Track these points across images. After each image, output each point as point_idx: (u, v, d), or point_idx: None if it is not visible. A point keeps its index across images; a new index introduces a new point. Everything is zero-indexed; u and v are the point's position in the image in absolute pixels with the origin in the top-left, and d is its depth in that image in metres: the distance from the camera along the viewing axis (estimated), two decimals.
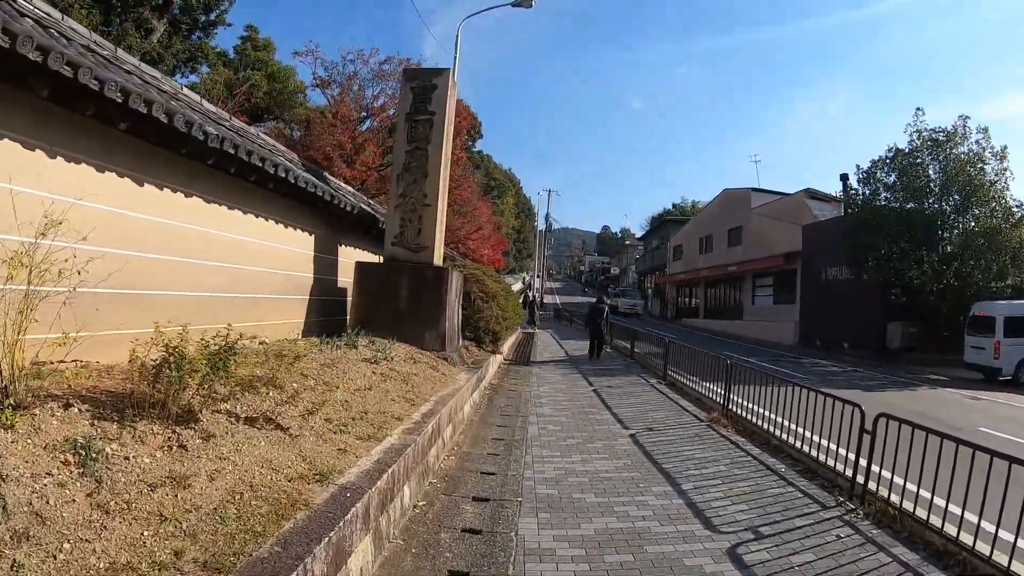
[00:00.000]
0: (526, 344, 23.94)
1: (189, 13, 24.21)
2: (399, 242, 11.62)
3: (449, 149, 12.72)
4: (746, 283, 41.03)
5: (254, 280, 9.13)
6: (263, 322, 9.33)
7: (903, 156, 26.09)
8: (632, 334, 20.54)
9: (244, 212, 8.83)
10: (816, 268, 32.05)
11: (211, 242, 8.02)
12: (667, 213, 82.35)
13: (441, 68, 12.13)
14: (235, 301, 8.63)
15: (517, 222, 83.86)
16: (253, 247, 9.10)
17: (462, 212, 36.10)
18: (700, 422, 10.49)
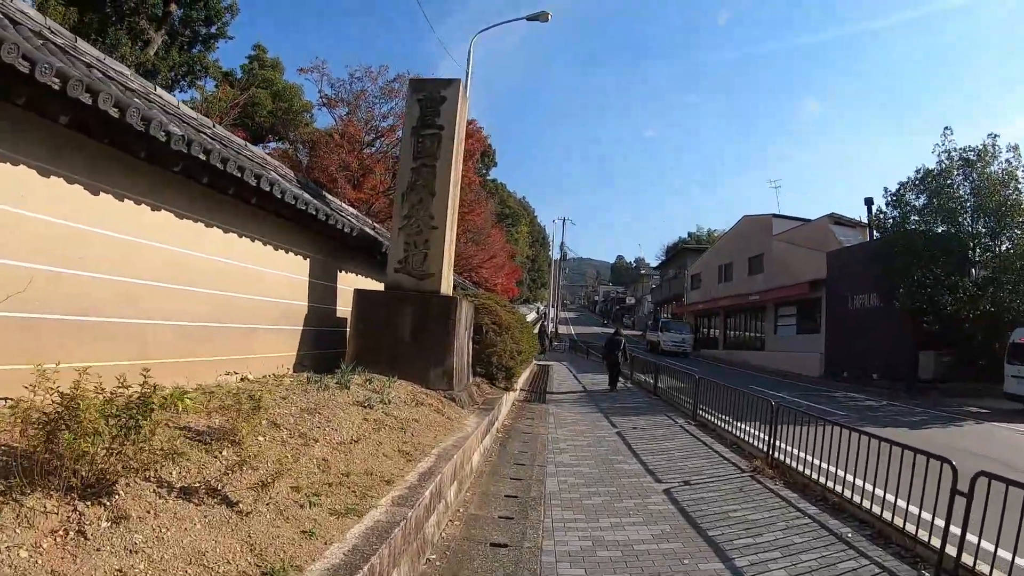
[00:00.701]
0: (541, 378, 22.66)
1: (189, 25, 23.53)
2: (403, 268, 10.50)
3: (459, 167, 11.66)
4: (768, 312, 39.52)
5: (238, 308, 8.09)
6: (248, 355, 8.29)
7: (933, 177, 24.88)
8: (655, 368, 19.22)
9: (225, 231, 7.79)
10: (842, 296, 30.64)
11: (184, 264, 6.98)
12: (683, 242, 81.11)
13: (451, 78, 11.13)
14: (214, 332, 7.59)
15: (531, 251, 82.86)
16: (237, 271, 8.05)
17: (475, 240, 35.11)
18: (742, 472, 9.20)
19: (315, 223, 9.12)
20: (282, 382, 7.72)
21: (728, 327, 46.93)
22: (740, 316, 44.63)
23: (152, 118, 5.51)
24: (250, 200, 7.69)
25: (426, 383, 9.49)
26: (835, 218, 35.28)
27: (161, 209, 6.59)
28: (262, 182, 7.34)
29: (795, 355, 34.09)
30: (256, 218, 8.34)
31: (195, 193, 7.03)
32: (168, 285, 6.73)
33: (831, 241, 33.12)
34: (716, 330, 49.21)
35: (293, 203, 8.12)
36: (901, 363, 25.85)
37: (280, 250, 9.14)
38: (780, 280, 36.80)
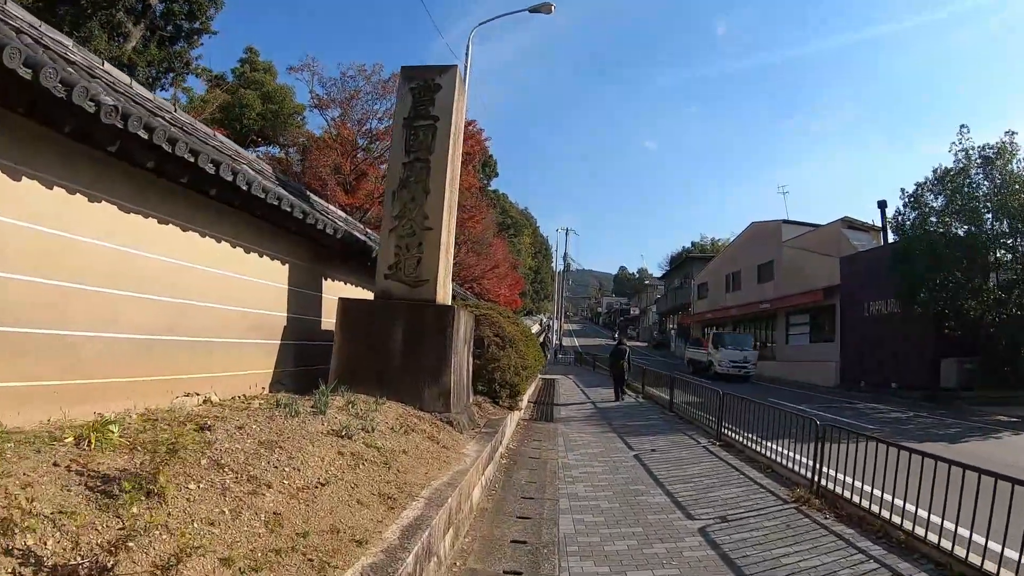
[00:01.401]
0: (547, 393, 21.36)
1: (171, 20, 22.24)
2: (394, 274, 9.31)
3: (457, 164, 10.52)
4: (779, 321, 38.42)
5: (199, 319, 6.96)
6: (212, 374, 7.16)
7: (951, 176, 23.70)
8: (669, 382, 17.92)
9: (184, 228, 6.68)
10: (857, 302, 29.51)
11: (131, 266, 5.90)
12: (687, 251, 79.98)
13: (446, 65, 9.96)
14: (169, 346, 6.47)
15: (534, 262, 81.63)
16: (198, 276, 6.93)
17: (476, 250, 33.93)
18: (784, 504, 7.98)
19: (292, 222, 7.97)
20: (249, 405, 6.57)
21: None
22: (750, 325, 43.37)
23: (74, 83, 4.39)
24: (211, 192, 6.57)
25: (420, 404, 8.28)
26: (848, 222, 34.17)
27: (101, 200, 5.52)
28: (222, 170, 6.19)
29: (809, 365, 33.00)
30: (223, 216, 7.23)
31: (143, 182, 5.95)
32: (110, 290, 5.65)
33: (844, 246, 32.04)
34: None
35: (262, 196, 6.96)
36: (921, 371, 24.92)
37: (253, 253, 8.00)
38: (791, 287, 35.75)
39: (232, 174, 6.37)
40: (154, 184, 6.08)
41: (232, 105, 25.69)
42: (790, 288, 35.88)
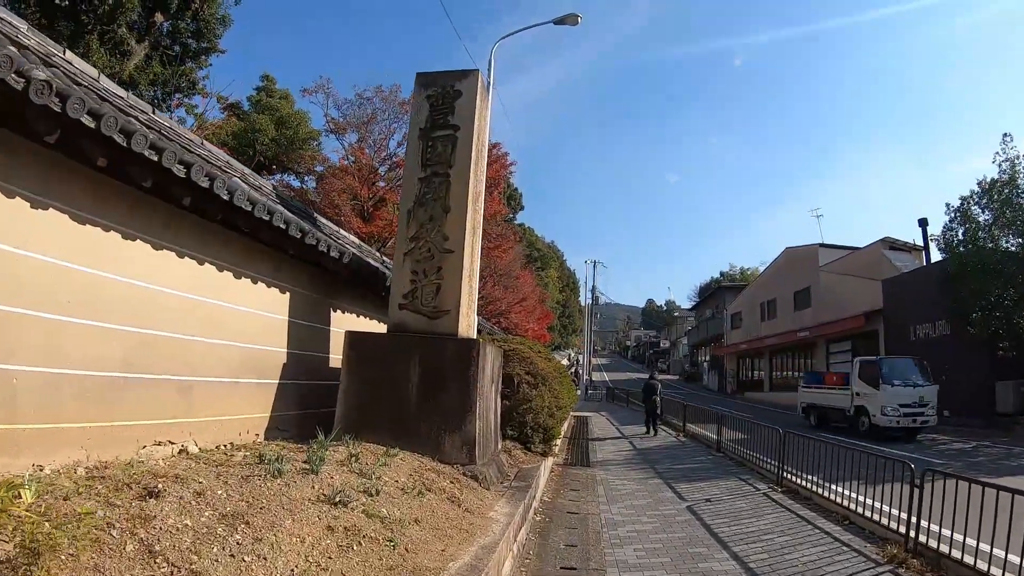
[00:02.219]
0: (581, 433, 19.84)
1: (177, 38, 21.54)
2: (410, 304, 8.14)
3: (481, 179, 9.39)
4: (819, 349, 36.26)
5: (176, 354, 5.87)
6: (191, 418, 6.01)
7: (998, 187, 22.12)
8: (716, 419, 16.33)
9: (157, 247, 5.64)
10: (902, 326, 27.61)
11: (86, 288, 4.89)
12: (716, 281, 78.05)
13: (466, 69, 8.90)
14: (137, 386, 5.39)
15: (562, 296, 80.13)
16: (175, 304, 5.86)
17: (504, 283, 32.70)
18: (876, 567, 6.60)
19: (289, 243, 6.88)
20: (230, 459, 5.36)
21: (774, 367, 43.65)
22: (787, 355, 41.39)
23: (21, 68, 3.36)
24: (184, 202, 5.51)
25: (439, 455, 7.00)
26: (889, 242, 32.33)
27: (48, 207, 4.54)
28: (194, 173, 5.09)
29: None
30: (207, 234, 6.21)
31: (106, 191, 4.98)
32: (58, 316, 4.62)
33: (886, 268, 30.24)
34: (761, 371, 45.87)
35: (248, 209, 5.85)
36: (975, 397, 22.91)
37: (245, 279, 6.91)
38: (831, 314, 33.82)
39: (208, 179, 5.27)
40: (118, 190, 5.08)
41: (245, 130, 24.92)
42: (829, 315, 33.99)
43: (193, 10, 20.80)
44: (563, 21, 14.84)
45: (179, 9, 20.47)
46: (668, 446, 17.34)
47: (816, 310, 36.09)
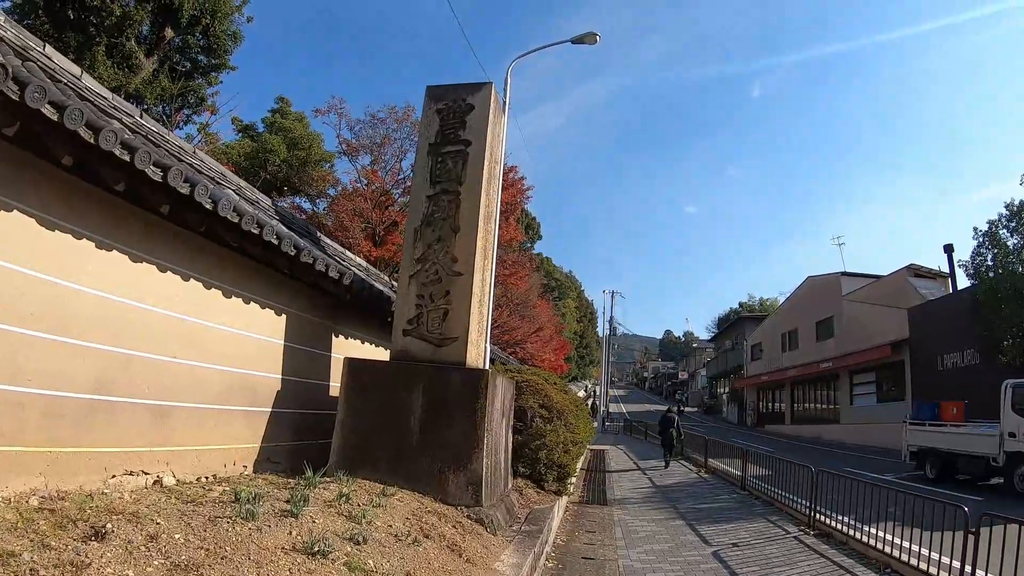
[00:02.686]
0: (598, 468, 19.00)
1: (186, 54, 21.24)
2: (415, 330, 7.54)
3: (494, 199, 8.88)
4: (842, 381, 35.12)
5: (154, 376, 5.34)
6: (173, 447, 5.48)
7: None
8: (740, 454, 15.45)
9: (136, 259, 5.16)
10: (929, 356, 26.56)
11: (60, 301, 4.48)
12: (735, 312, 76.81)
13: (479, 83, 8.41)
14: (115, 409, 4.93)
15: (579, 326, 78.90)
16: (154, 321, 5.36)
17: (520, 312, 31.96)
18: None
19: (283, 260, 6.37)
20: (206, 494, 4.81)
21: (795, 399, 42.40)
22: (809, 387, 40.30)
23: None
24: (162, 210, 5.02)
25: (442, 495, 6.34)
26: (914, 270, 31.35)
27: (13, 210, 4.12)
28: (171, 177, 4.59)
29: (877, 427, 29.50)
30: (193, 247, 5.73)
31: (78, 195, 4.58)
32: (23, 331, 4.17)
33: (911, 296, 29.29)
34: (782, 403, 44.56)
35: (235, 220, 5.33)
36: None
37: (236, 298, 6.38)
38: (855, 344, 32.83)
39: (188, 185, 4.76)
40: (91, 194, 4.64)
41: (256, 151, 24.58)
42: (853, 345, 32.96)
43: (203, 25, 20.60)
44: (581, 40, 14.45)
45: (189, 24, 20.29)
46: (690, 483, 16.49)
47: (839, 340, 35.11)
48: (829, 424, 35.22)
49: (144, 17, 18.94)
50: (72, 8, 17.75)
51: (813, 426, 36.87)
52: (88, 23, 17.78)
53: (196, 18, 20.26)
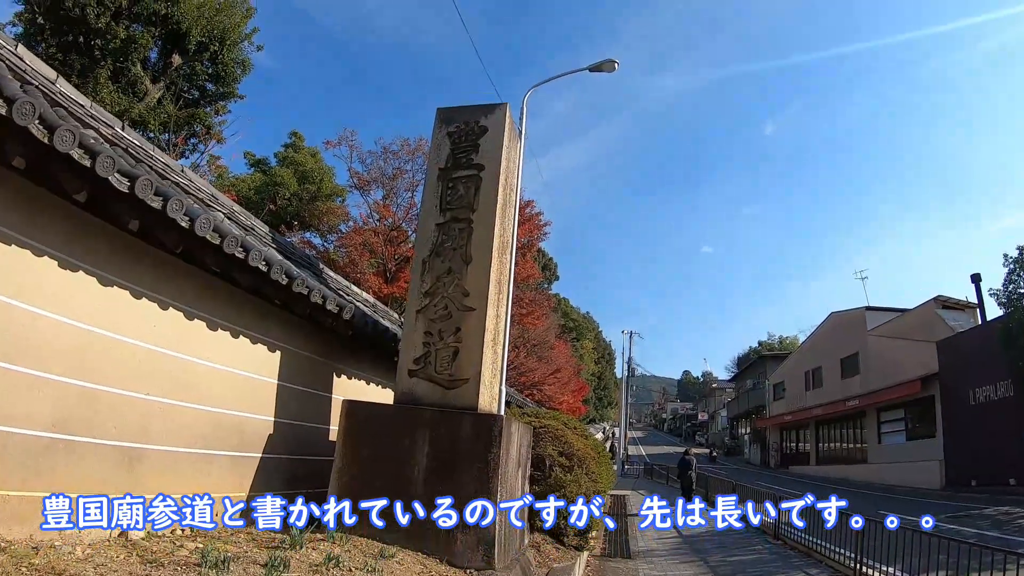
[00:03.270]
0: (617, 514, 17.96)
1: (194, 80, 20.77)
2: (422, 370, 6.84)
3: (509, 229, 8.29)
4: (869, 419, 33.60)
5: (132, 415, 4.80)
6: (147, 494, 4.66)
7: None
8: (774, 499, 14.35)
9: (106, 282, 4.61)
10: (961, 390, 25.25)
11: (14, 326, 3.98)
12: (755, 351, 75.33)
13: (493, 104, 7.86)
14: (77, 449, 4.36)
15: (597, 367, 77.72)
16: (132, 355, 4.81)
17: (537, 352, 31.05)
18: None
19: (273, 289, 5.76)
20: (175, 551, 4.16)
21: (820, 439, 40.74)
22: (835, 426, 38.65)
23: None
24: (137, 231, 4.47)
25: (449, 556, 5.57)
26: (942, 301, 30.06)
27: None
28: (139, 187, 4.04)
29: (907, 466, 28.43)
30: (174, 274, 5.20)
31: (38, 207, 4.09)
32: None
33: (940, 328, 28.05)
34: (806, 444, 42.88)
35: (217, 243, 4.75)
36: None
37: (222, 331, 5.77)
38: (881, 380, 31.44)
39: (159, 199, 4.19)
40: (52, 207, 4.14)
41: (265, 184, 24.17)
42: (880, 381, 31.59)
43: (211, 52, 20.34)
44: (599, 68, 13.97)
45: (197, 51, 20.03)
46: (717, 531, 15.44)
47: (865, 377, 33.74)
48: (856, 464, 33.73)
49: (150, 42, 18.81)
50: (77, 32, 17.70)
51: (840, 466, 35.30)
52: (93, 46, 17.66)
53: (204, 45, 20.07)
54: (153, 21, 18.82)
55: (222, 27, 20.05)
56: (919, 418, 29.38)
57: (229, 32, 20.27)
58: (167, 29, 19.29)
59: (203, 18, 19.59)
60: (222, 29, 20.07)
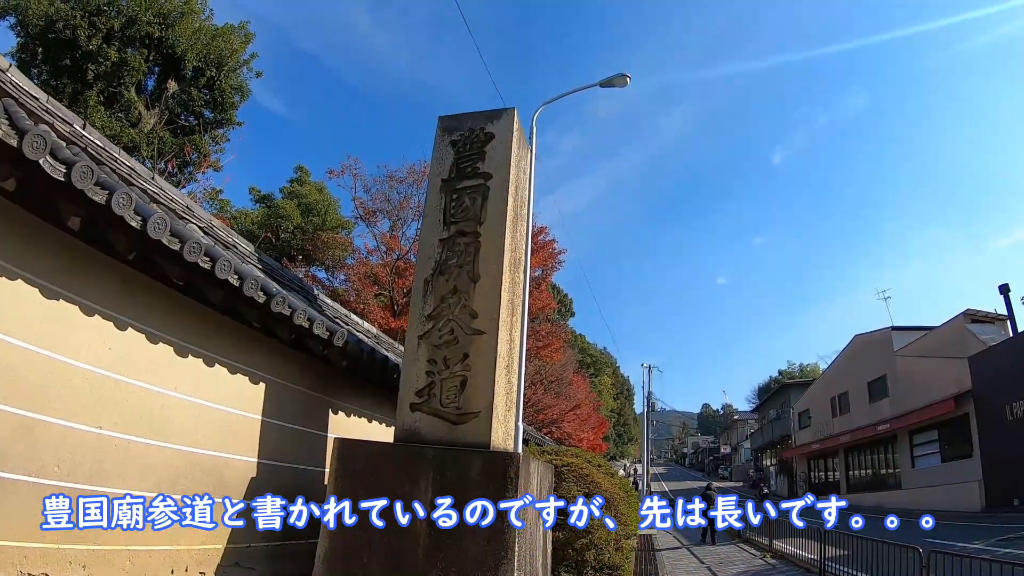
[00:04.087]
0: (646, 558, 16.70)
1: (190, 106, 20.10)
2: (425, 404, 5.90)
3: (521, 244, 7.41)
4: (901, 442, 32.25)
5: (81, 451, 4.06)
6: (99, 545, 4.05)
7: None
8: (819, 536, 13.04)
9: (51, 295, 3.90)
10: (997, 406, 24.02)
11: None
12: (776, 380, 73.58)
13: (499, 109, 7.07)
14: (12, 488, 3.67)
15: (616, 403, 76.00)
16: (83, 381, 4.07)
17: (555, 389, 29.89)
18: None
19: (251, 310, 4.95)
20: None
21: (850, 467, 39.24)
22: (865, 452, 37.15)
23: None
24: (80, 232, 3.79)
25: None
26: (971, 315, 28.95)
27: None
28: (76, 174, 3.30)
29: (944, 489, 27.04)
30: (136, 290, 4.48)
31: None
32: None
33: (971, 343, 26.88)
34: (836, 472, 41.36)
35: (175, 248, 3.97)
36: None
37: (194, 358, 4.97)
38: (912, 402, 30.16)
39: (104, 192, 3.43)
40: None
41: (268, 216, 23.52)
42: (910, 403, 30.31)
43: (208, 78, 19.80)
44: (611, 83, 13.50)
45: (194, 76, 19.53)
46: (755, 571, 14.19)
47: (894, 399, 32.45)
48: (890, 490, 32.17)
49: (143, 65, 18.35)
50: (68, 55, 17.39)
51: (872, 493, 33.63)
52: (86, 70, 17.30)
53: (200, 70, 19.61)
54: (147, 44, 18.41)
55: (219, 52, 19.63)
56: (954, 438, 28.00)
57: (226, 57, 19.85)
58: (162, 53, 18.89)
59: (199, 43, 19.20)
60: (219, 54, 19.65)
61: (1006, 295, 26.03)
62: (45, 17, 17.22)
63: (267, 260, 6.75)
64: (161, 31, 18.41)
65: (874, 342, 35.52)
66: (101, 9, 17.54)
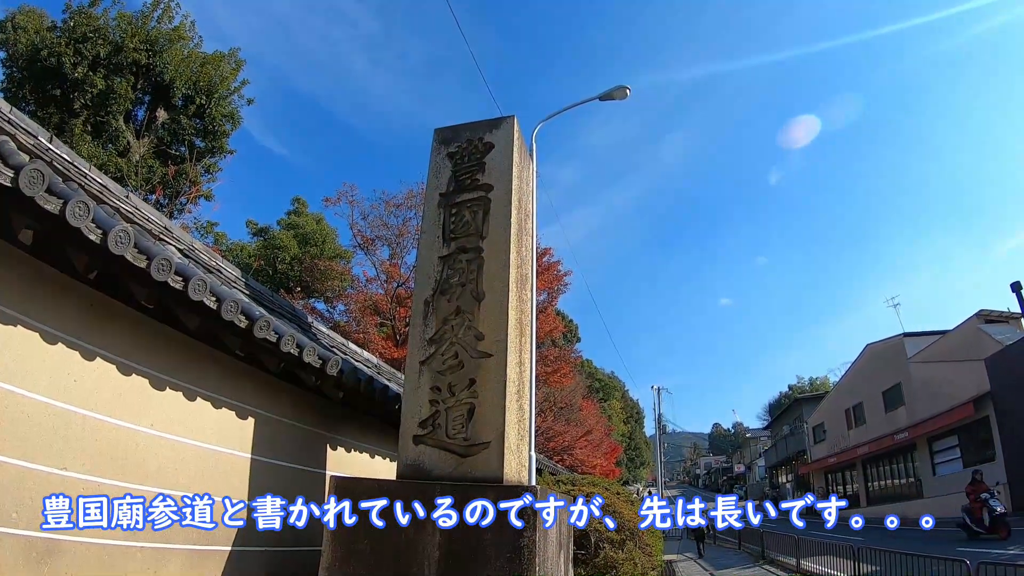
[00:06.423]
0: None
1: (180, 135, 19.44)
2: (430, 435, 5.36)
3: (527, 258, 6.93)
4: (920, 450, 31.32)
5: (42, 495, 3.56)
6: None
7: None
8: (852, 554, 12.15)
9: (6, 321, 3.50)
10: (1018, 407, 23.30)
11: None
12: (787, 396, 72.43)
13: (498, 118, 6.64)
14: None
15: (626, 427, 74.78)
16: (44, 417, 3.64)
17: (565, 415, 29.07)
18: None
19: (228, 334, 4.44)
20: None
21: (869, 478, 38.22)
22: (883, 463, 36.17)
23: None
24: (31, 246, 3.44)
25: None
26: (985, 315, 28.35)
27: None
28: (24, 179, 2.82)
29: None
30: (105, 315, 4.04)
31: None
32: None
33: (986, 344, 26.23)
34: (854, 484, 40.29)
35: (141, 266, 3.52)
36: None
37: (173, 391, 4.52)
38: (929, 408, 29.35)
39: (57, 200, 3.00)
40: None
41: (264, 247, 23.04)
42: (927, 410, 29.49)
43: (198, 105, 19.31)
44: (610, 96, 13.23)
45: (184, 104, 19.08)
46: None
47: (911, 407, 31.58)
48: (911, 500, 31.15)
49: (130, 92, 17.93)
50: (54, 84, 17.11)
51: (893, 504, 32.31)
52: (72, 98, 16.99)
53: (190, 97, 19.17)
54: (134, 72, 18.06)
55: (209, 79, 19.23)
56: (975, 442, 27.23)
57: (217, 85, 19.44)
58: (150, 81, 18.54)
59: (188, 69, 18.84)
60: (209, 81, 19.26)
61: (1018, 292, 25.39)
62: (31, 46, 17.04)
63: (255, 285, 6.26)
64: (148, 58, 18.12)
65: (887, 350, 34.75)
66: (87, 36, 17.25)
